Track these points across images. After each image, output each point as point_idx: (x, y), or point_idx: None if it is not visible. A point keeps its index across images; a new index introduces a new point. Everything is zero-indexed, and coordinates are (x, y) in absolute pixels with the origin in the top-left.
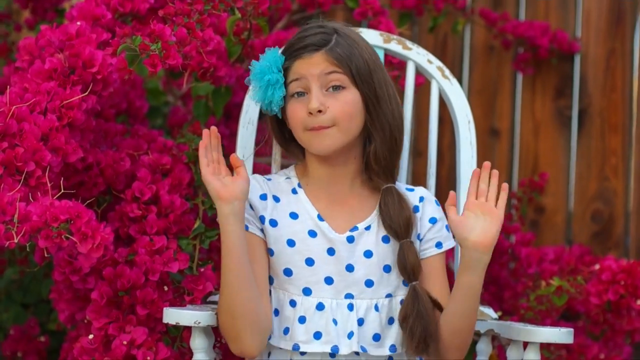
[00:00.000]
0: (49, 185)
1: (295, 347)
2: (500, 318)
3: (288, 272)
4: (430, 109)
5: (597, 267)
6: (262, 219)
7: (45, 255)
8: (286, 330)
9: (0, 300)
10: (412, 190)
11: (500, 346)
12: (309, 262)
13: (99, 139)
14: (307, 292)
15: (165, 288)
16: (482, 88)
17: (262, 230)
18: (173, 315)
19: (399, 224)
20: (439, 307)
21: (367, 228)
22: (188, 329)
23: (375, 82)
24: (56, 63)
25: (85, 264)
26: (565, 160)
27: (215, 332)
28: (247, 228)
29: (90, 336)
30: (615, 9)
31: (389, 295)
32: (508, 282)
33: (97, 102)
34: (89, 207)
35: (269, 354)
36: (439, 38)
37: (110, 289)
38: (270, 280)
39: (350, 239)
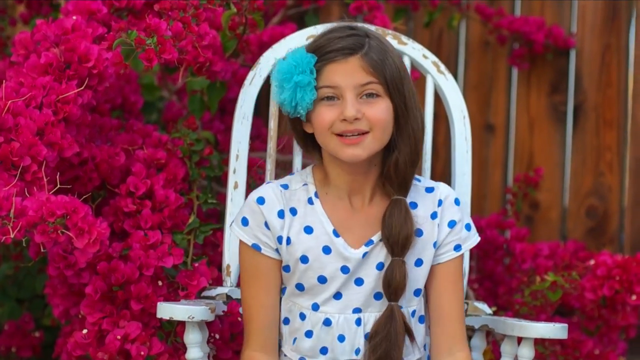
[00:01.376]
0: (44, 180)
1: None
2: (494, 313)
3: (300, 287)
4: (426, 104)
5: (592, 262)
6: (279, 240)
7: (41, 250)
8: (294, 341)
9: None
10: (431, 190)
11: (494, 341)
12: (322, 279)
13: (94, 134)
14: (315, 307)
15: (160, 283)
16: (477, 83)
17: (277, 249)
18: (167, 310)
19: (396, 240)
20: (410, 334)
21: (382, 240)
22: (182, 323)
23: (406, 91)
24: (52, 57)
25: (81, 259)
26: (560, 156)
27: (209, 327)
28: (259, 249)
29: (84, 331)
30: (611, 4)
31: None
32: (502, 278)
33: (92, 97)
34: (85, 202)
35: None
36: (434, 33)
37: (105, 283)
38: (283, 291)
39: (365, 255)
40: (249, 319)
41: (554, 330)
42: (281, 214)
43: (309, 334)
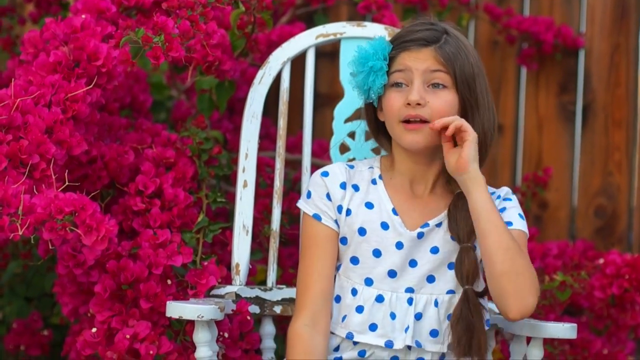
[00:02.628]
0: (53, 177)
1: (349, 336)
2: None
3: (354, 261)
4: None
5: (601, 261)
6: (339, 209)
7: (50, 247)
8: (344, 318)
9: (4, 294)
10: (492, 193)
11: (503, 341)
12: (376, 253)
13: (103, 133)
14: (368, 282)
15: (169, 282)
16: None
17: (336, 220)
18: (176, 309)
19: (463, 229)
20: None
21: (439, 225)
22: (191, 322)
23: (478, 88)
24: (61, 56)
25: (90, 257)
26: (569, 156)
27: (218, 326)
28: (319, 219)
29: (94, 329)
30: (620, 4)
31: (450, 292)
32: None
33: (101, 95)
34: (93, 200)
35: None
36: None
37: (114, 282)
38: (337, 267)
39: (420, 235)
40: (304, 289)
41: (563, 330)
42: (343, 186)
43: (359, 309)
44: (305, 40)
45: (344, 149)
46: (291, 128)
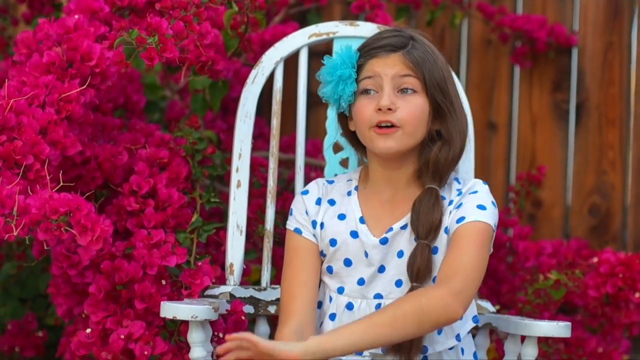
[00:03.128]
0: (47, 178)
1: None
2: (498, 312)
3: (330, 270)
4: None
5: (595, 260)
6: (314, 224)
7: (45, 248)
8: (321, 324)
9: None
10: (459, 190)
11: (498, 340)
12: (347, 262)
13: (97, 133)
14: (340, 290)
15: (163, 282)
16: (479, 82)
17: (314, 235)
18: (170, 309)
19: (424, 225)
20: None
21: (403, 227)
22: (185, 323)
23: (451, 91)
24: (54, 56)
25: (85, 257)
26: (563, 154)
27: (212, 326)
28: (300, 232)
29: (88, 330)
30: (613, 2)
31: None
32: (506, 276)
33: (95, 96)
34: (87, 200)
35: None
36: (436, 32)
37: (108, 282)
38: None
39: (384, 241)
40: (288, 299)
41: (558, 328)
42: (318, 202)
43: (332, 316)
44: (298, 39)
45: (337, 148)
46: (284, 128)
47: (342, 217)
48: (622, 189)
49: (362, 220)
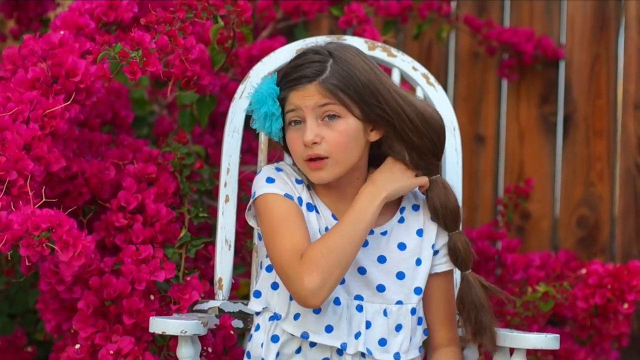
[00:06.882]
0: (30, 194)
1: (304, 335)
2: None
3: None
4: None
5: (583, 271)
6: (299, 201)
7: (29, 264)
8: (296, 316)
9: None
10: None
11: (486, 352)
12: None
13: (84, 149)
14: None
15: (152, 297)
16: (467, 95)
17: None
18: (159, 325)
19: (445, 214)
20: (493, 291)
21: (383, 233)
22: (174, 338)
23: (382, 90)
24: (39, 72)
25: (67, 273)
26: (551, 166)
27: (201, 341)
28: (291, 198)
29: (77, 346)
30: (599, 14)
31: (399, 302)
32: None
33: (80, 111)
34: (74, 216)
35: (277, 338)
36: (423, 45)
37: (97, 298)
38: None
39: (364, 243)
40: (295, 254)
41: (546, 340)
42: (299, 182)
43: (316, 310)
44: (286, 54)
45: None
46: (273, 142)
47: (310, 207)
48: (610, 201)
49: (335, 218)
